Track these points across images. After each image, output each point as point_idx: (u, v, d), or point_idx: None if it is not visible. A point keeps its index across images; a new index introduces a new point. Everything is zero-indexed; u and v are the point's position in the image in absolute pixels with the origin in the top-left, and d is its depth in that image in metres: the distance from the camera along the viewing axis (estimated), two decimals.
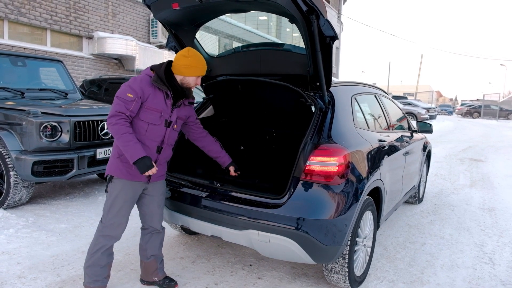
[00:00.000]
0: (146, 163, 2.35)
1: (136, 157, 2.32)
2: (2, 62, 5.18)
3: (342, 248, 2.53)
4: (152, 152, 2.50)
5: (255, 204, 2.52)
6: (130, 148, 2.32)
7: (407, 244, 3.88)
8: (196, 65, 2.49)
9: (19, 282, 2.79)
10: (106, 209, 2.51)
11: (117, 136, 2.32)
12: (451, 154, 10.45)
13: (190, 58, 2.47)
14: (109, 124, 2.34)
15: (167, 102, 2.49)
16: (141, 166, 2.35)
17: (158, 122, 2.47)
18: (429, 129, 4.91)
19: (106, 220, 2.50)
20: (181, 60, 2.47)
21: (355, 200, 2.59)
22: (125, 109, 2.35)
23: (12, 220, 3.96)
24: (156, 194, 2.65)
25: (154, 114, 2.45)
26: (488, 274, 3.30)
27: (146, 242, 2.74)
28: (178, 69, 2.49)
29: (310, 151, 2.52)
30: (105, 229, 2.50)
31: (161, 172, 2.64)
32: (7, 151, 4.20)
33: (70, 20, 10.60)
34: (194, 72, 2.51)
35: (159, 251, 2.79)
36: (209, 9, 2.74)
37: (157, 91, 2.45)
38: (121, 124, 2.32)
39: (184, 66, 2.47)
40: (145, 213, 2.69)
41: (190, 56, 2.48)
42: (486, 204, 5.54)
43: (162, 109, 2.47)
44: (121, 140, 2.32)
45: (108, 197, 2.50)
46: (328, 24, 2.41)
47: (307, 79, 2.87)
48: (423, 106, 25.18)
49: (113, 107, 2.36)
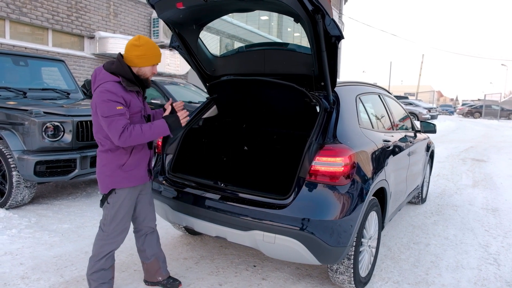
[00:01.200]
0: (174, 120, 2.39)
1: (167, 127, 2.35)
2: (4, 62, 5.17)
3: (348, 249, 2.52)
4: (146, 151, 2.49)
5: (260, 205, 2.50)
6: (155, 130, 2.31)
7: (411, 244, 3.86)
8: (150, 54, 2.34)
9: (22, 283, 2.78)
10: (108, 219, 2.42)
11: (142, 137, 2.26)
12: (453, 154, 10.42)
13: (142, 47, 2.31)
14: (126, 139, 2.20)
15: (140, 99, 2.44)
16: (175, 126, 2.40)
17: (141, 121, 2.43)
18: (432, 129, 4.89)
19: (109, 229, 2.43)
20: (134, 50, 2.30)
21: (361, 201, 2.57)
22: (126, 120, 2.23)
23: (14, 220, 3.95)
24: (147, 192, 2.64)
25: (137, 116, 2.39)
26: (493, 275, 3.28)
27: (143, 243, 2.70)
28: (131, 60, 2.33)
29: (315, 151, 2.50)
30: (108, 238, 2.44)
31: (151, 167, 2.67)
32: (10, 151, 4.19)
33: (72, 20, 10.59)
34: (149, 62, 2.36)
35: (159, 249, 2.76)
36: (213, 9, 2.73)
37: (132, 93, 2.36)
38: (133, 129, 2.23)
39: (136, 56, 2.31)
40: (138, 215, 2.62)
41: (141, 45, 2.31)
42: (490, 204, 5.52)
43: (140, 108, 2.41)
44: (146, 135, 2.28)
45: (111, 209, 2.41)
46: (334, 23, 2.39)
47: (312, 79, 2.86)
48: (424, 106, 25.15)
49: (116, 126, 2.19)
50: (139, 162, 2.44)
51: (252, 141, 3.82)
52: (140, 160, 2.44)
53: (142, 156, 2.46)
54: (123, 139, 2.20)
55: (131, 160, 2.39)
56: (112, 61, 2.36)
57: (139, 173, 2.45)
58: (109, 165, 2.36)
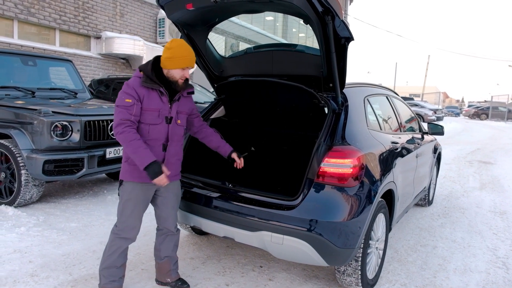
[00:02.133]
0: (155, 170, 2.30)
1: (145, 163, 2.29)
2: (13, 62, 5.21)
3: (356, 250, 2.51)
4: (158, 150, 2.47)
5: (268, 206, 2.51)
6: (139, 155, 2.29)
7: (418, 247, 3.85)
8: (179, 56, 2.36)
9: (32, 281, 2.80)
10: (119, 212, 2.51)
11: (126, 144, 2.29)
12: (459, 156, 10.37)
13: (172, 50, 2.35)
14: (116, 133, 2.31)
15: (163, 99, 2.44)
16: (151, 172, 2.31)
17: (158, 121, 2.43)
18: (440, 131, 4.87)
19: (120, 223, 2.50)
20: (165, 52, 2.37)
21: (369, 203, 2.57)
22: (129, 115, 2.31)
23: (23, 219, 3.98)
24: (169, 195, 2.63)
25: (152, 114, 2.41)
26: (502, 279, 3.26)
27: (160, 243, 2.74)
28: (163, 63, 2.40)
29: (324, 152, 2.50)
30: (120, 232, 2.50)
31: (174, 172, 2.59)
32: (19, 149, 4.22)
33: (79, 20, 10.66)
34: (177, 64, 2.38)
35: (173, 253, 2.77)
36: (223, 10, 2.73)
37: (150, 91, 2.40)
38: (127, 132, 2.29)
39: (166, 58, 2.37)
40: (160, 215, 2.68)
41: (171, 48, 2.35)
42: (497, 207, 5.48)
43: (159, 107, 2.42)
44: (130, 148, 2.29)
45: (120, 201, 2.51)
46: (344, 25, 2.39)
47: (321, 80, 2.86)
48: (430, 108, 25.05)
49: (116, 117, 2.32)
50: None
51: (259, 142, 3.82)
52: None
53: None
54: (115, 130, 2.32)
55: None
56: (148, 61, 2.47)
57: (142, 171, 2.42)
58: (124, 156, 2.50)
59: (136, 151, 2.29)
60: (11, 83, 5.03)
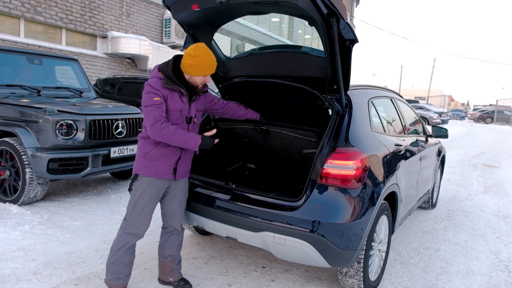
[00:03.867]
0: (206, 142, 2.43)
1: (197, 142, 2.39)
2: (19, 60, 5.25)
3: (358, 252, 2.51)
4: (176, 149, 2.51)
5: (271, 206, 2.51)
6: (187, 139, 2.37)
7: (421, 249, 3.84)
8: (202, 64, 2.42)
9: (35, 279, 2.82)
10: (130, 207, 2.53)
11: (171, 137, 2.34)
12: (464, 159, 10.32)
13: (196, 58, 2.39)
14: (156, 131, 2.32)
15: (183, 100, 2.49)
16: (204, 146, 2.42)
17: (179, 120, 2.49)
18: (444, 134, 4.85)
19: (131, 218, 2.51)
20: (188, 59, 2.41)
21: (372, 205, 2.57)
22: (161, 112, 2.37)
23: (27, 217, 4.01)
24: (178, 193, 2.67)
25: (175, 114, 2.47)
26: (504, 282, 3.24)
27: (165, 241, 2.75)
28: (184, 68, 2.45)
29: (327, 154, 2.50)
30: (129, 227, 2.52)
31: (186, 169, 2.65)
32: (23, 148, 4.25)
33: (85, 19, 10.72)
34: (200, 72, 2.45)
35: (177, 252, 2.79)
36: (228, 11, 2.74)
37: (172, 92, 2.46)
38: (167, 127, 2.34)
39: (189, 65, 2.42)
40: (166, 212, 2.70)
41: (196, 56, 2.39)
42: (501, 210, 5.45)
43: (181, 107, 2.48)
44: (176, 139, 2.35)
45: (133, 195, 2.52)
46: (348, 27, 2.40)
47: (325, 82, 2.86)
48: (435, 111, 24.95)
49: (150, 116, 2.34)
50: (162, 156, 2.49)
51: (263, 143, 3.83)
52: (163, 155, 2.49)
53: (167, 152, 2.49)
54: (154, 129, 2.33)
55: (155, 152, 2.47)
56: (167, 61, 2.51)
57: (159, 167, 2.48)
58: (139, 151, 2.54)
59: (183, 139, 2.37)
60: (16, 82, 5.07)
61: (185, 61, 2.42)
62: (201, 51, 2.41)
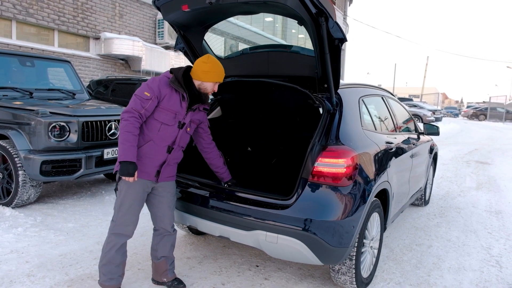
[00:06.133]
0: (129, 169, 2.34)
1: (125, 158, 2.33)
2: (11, 62, 5.23)
3: (350, 249, 2.54)
4: (162, 152, 2.53)
5: (263, 205, 2.53)
6: (125, 148, 2.33)
7: (413, 246, 3.87)
8: (215, 71, 2.54)
9: (28, 281, 2.82)
10: (116, 207, 2.54)
11: (121, 132, 2.37)
12: (457, 156, 10.40)
13: (209, 64, 2.53)
14: (121, 118, 2.39)
15: (182, 104, 2.53)
16: (123, 168, 2.34)
17: (171, 122, 2.51)
18: (436, 132, 4.90)
19: (117, 218, 2.52)
20: (201, 66, 2.53)
21: (363, 202, 2.59)
22: (141, 107, 2.41)
23: (20, 219, 4.00)
24: (165, 195, 2.67)
25: (169, 115, 2.49)
26: (495, 277, 3.28)
27: (157, 243, 2.76)
28: (197, 75, 2.54)
29: (318, 152, 2.52)
30: (116, 227, 2.53)
31: (171, 173, 2.66)
32: (16, 150, 4.24)
33: (78, 20, 10.68)
34: (213, 78, 2.55)
35: (170, 253, 2.80)
36: (218, 11, 2.76)
37: (173, 92, 2.50)
38: (130, 122, 2.37)
39: (202, 71, 2.52)
40: (156, 215, 2.71)
41: (209, 62, 2.53)
42: (493, 206, 5.51)
43: (176, 110, 2.51)
44: (122, 137, 2.36)
45: (118, 195, 2.53)
46: (337, 26, 2.41)
47: (315, 80, 2.88)
48: (428, 108, 25.08)
49: (130, 104, 2.43)
50: (148, 157, 2.50)
51: (255, 142, 3.85)
52: (149, 155, 2.50)
53: (153, 153, 2.51)
54: (122, 115, 2.40)
55: (140, 151, 2.48)
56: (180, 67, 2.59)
57: (144, 167, 2.49)
58: None
59: (125, 142, 2.34)
60: (9, 84, 5.05)
61: (198, 68, 2.53)
62: (213, 59, 2.57)
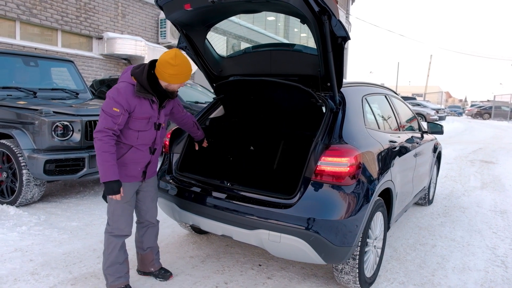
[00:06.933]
0: (113, 188, 2.34)
1: (107, 179, 2.32)
2: (15, 62, 5.26)
3: (353, 249, 2.53)
4: (145, 154, 2.57)
5: (266, 204, 2.53)
6: (105, 168, 2.31)
7: (417, 246, 3.85)
8: (182, 73, 2.41)
9: (32, 279, 2.83)
10: (109, 214, 2.56)
11: (98, 152, 2.32)
12: (461, 155, 10.35)
13: (177, 67, 2.36)
14: (95, 138, 2.33)
15: (153, 107, 2.50)
16: (108, 188, 2.34)
17: (147, 127, 2.50)
18: (439, 130, 4.87)
19: (113, 222, 2.55)
20: (168, 68, 2.35)
21: (366, 201, 2.58)
22: (113, 124, 2.33)
23: (24, 218, 4.02)
24: (149, 189, 2.74)
25: (143, 122, 2.47)
26: (501, 277, 3.26)
27: (142, 235, 2.82)
28: (163, 76, 2.40)
29: (321, 151, 2.51)
30: (114, 230, 2.56)
31: (154, 169, 2.75)
32: (20, 149, 4.26)
33: (81, 20, 10.70)
34: (181, 80, 2.44)
35: (155, 243, 2.88)
36: (220, 10, 2.75)
37: (142, 100, 2.43)
38: (104, 142, 2.31)
39: (170, 75, 2.38)
40: (141, 209, 2.76)
41: (177, 65, 2.35)
42: (498, 206, 5.48)
43: (149, 115, 2.49)
44: (99, 158, 2.31)
45: (110, 202, 2.53)
46: (340, 24, 2.40)
47: (318, 79, 2.87)
48: (432, 107, 24.96)
49: (101, 122, 2.33)
50: (134, 162, 2.52)
51: (258, 141, 3.84)
52: (135, 161, 2.52)
53: (139, 158, 2.54)
54: (95, 135, 2.33)
55: (126, 156, 2.49)
56: (140, 65, 2.46)
57: (131, 172, 2.53)
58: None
59: (104, 163, 2.31)
60: (13, 84, 5.07)
61: (165, 70, 2.36)
62: (181, 60, 2.38)
